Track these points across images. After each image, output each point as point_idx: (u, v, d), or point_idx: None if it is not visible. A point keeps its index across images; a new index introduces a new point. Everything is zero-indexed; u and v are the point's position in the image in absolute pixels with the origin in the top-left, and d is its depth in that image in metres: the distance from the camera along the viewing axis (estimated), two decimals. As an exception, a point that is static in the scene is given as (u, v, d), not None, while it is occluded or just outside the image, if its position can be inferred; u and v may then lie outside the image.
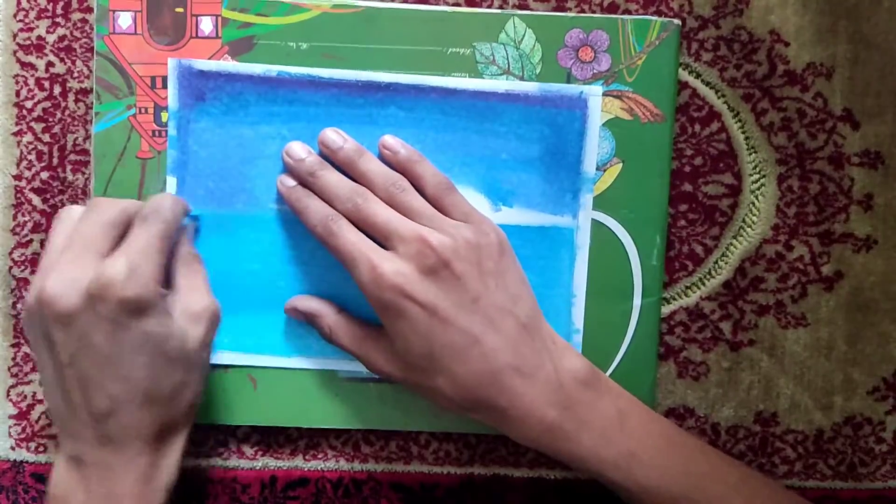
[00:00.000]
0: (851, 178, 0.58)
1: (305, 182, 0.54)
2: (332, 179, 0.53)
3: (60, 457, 0.49)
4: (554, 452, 0.51)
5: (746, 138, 0.58)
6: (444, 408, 0.52)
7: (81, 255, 0.47)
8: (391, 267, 0.49)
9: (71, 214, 0.50)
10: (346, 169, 0.54)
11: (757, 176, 0.58)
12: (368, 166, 0.53)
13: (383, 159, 0.54)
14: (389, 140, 0.54)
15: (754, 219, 0.58)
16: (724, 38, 0.57)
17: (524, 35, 0.55)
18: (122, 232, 0.49)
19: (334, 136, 0.54)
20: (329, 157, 0.54)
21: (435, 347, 0.50)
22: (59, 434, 0.49)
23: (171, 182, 0.55)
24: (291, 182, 0.54)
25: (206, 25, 0.55)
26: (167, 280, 0.51)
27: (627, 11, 0.57)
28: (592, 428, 0.51)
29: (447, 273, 0.50)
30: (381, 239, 0.51)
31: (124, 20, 0.55)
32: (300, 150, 0.54)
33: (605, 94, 0.56)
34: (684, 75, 0.57)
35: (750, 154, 0.58)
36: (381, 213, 0.51)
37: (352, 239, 0.51)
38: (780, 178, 0.58)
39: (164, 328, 0.47)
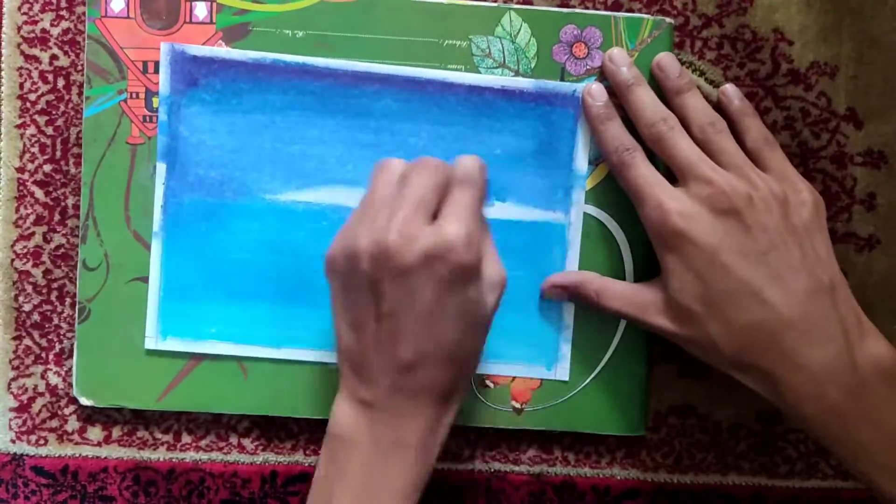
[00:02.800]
0: (854, 177, 0.58)
1: (619, 91, 0.54)
2: (646, 98, 0.54)
3: (346, 399, 0.49)
4: (826, 438, 0.49)
5: (749, 137, 0.58)
6: (712, 363, 0.52)
7: (416, 214, 0.47)
8: (677, 206, 0.50)
9: (394, 168, 0.50)
10: (669, 96, 0.54)
11: (760, 175, 0.58)
12: (693, 101, 0.54)
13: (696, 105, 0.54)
14: (730, 90, 0.55)
15: (756, 217, 0.58)
16: (727, 36, 0.57)
17: (520, 29, 0.56)
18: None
19: (671, 61, 0.54)
20: (661, 80, 0.55)
21: (710, 291, 0.50)
22: (349, 376, 0.49)
23: (161, 168, 0.55)
24: (601, 98, 0.55)
25: (201, 11, 0.55)
26: None
27: (631, 10, 0.57)
28: (879, 426, 0.48)
29: (735, 220, 0.50)
30: (677, 173, 0.52)
31: (117, 4, 0.55)
32: (623, 59, 0.55)
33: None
34: (687, 73, 0.57)
35: (753, 153, 0.58)
36: (683, 148, 0.52)
37: (643, 173, 0.52)
38: (782, 176, 0.58)
39: (479, 295, 0.48)
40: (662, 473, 0.59)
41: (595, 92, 0.55)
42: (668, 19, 0.56)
